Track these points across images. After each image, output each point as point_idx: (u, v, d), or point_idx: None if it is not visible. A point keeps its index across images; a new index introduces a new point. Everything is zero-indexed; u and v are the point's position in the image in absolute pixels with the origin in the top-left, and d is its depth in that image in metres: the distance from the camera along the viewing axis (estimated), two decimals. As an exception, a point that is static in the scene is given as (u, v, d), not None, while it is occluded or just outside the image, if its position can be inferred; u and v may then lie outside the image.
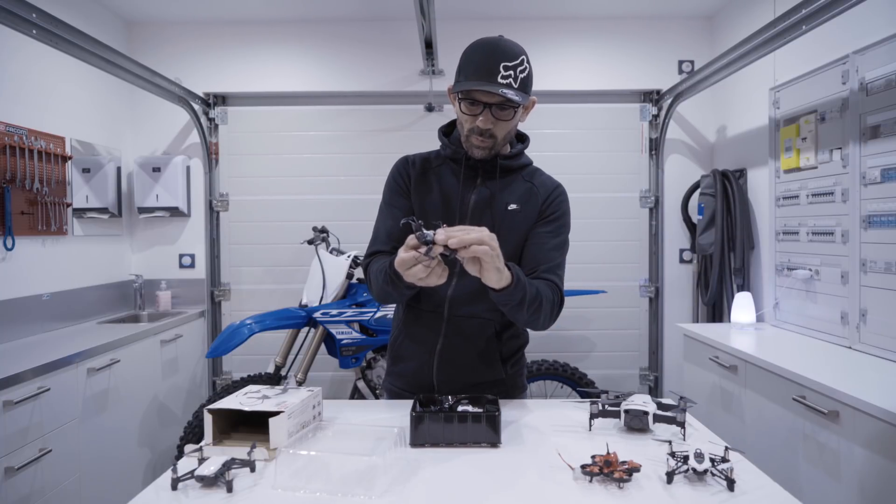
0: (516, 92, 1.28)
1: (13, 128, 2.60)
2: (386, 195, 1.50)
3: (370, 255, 1.46)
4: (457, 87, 1.32)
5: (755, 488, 1.01)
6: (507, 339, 1.50)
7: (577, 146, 3.57)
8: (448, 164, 1.47)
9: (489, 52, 1.29)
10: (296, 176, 3.55)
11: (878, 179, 2.09)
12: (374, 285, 1.39)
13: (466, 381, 1.45)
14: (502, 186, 1.44)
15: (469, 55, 1.32)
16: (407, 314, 1.51)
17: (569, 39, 3.57)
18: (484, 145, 1.37)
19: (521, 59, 1.31)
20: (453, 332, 1.44)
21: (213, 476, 1.00)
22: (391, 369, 1.57)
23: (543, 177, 1.51)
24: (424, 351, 1.47)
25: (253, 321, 2.71)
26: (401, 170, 1.49)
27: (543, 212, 1.45)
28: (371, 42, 3.54)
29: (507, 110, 1.32)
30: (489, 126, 1.33)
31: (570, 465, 1.07)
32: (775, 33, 2.21)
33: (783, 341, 2.45)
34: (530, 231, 1.43)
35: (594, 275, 3.55)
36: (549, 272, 1.39)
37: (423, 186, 1.46)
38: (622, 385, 3.57)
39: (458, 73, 1.34)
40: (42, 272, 2.79)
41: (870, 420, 1.58)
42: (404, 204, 1.47)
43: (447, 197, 1.43)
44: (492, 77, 1.27)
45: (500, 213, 1.42)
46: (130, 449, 2.73)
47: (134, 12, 3.41)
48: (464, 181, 1.43)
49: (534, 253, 1.41)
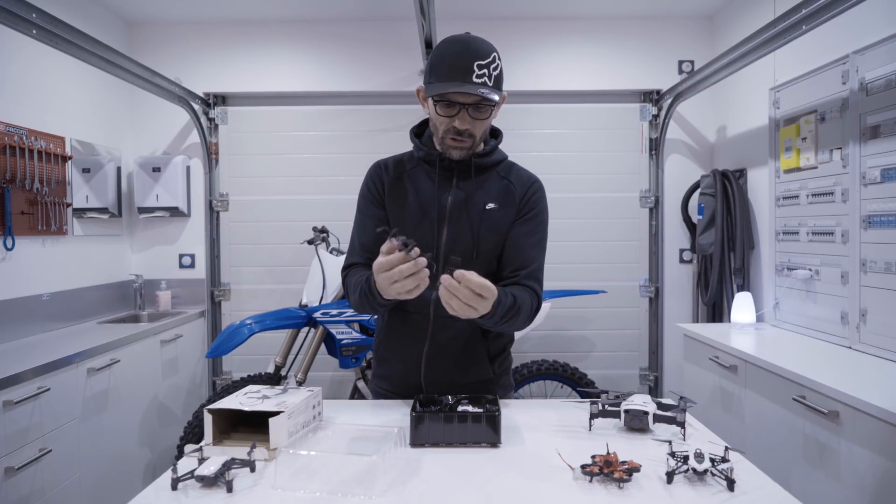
0: (492, 90, 1.28)
1: (13, 128, 2.60)
2: (360, 204, 1.50)
3: (347, 268, 1.46)
4: (431, 89, 1.30)
5: (755, 488, 1.01)
6: (494, 338, 1.50)
7: (578, 146, 3.57)
8: (422, 165, 1.46)
9: (461, 52, 1.28)
10: (296, 176, 3.55)
11: (878, 179, 2.09)
12: (351, 297, 1.39)
13: (455, 381, 1.45)
14: (478, 185, 1.43)
15: (441, 55, 1.30)
16: (392, 317, 1.50)
17: (569, 39, 3.57)
18: (462, 146, 1.36)
19: (492, 56, 1.30)
20: (440, 333, 1.43)
21: (213, 476, 1.00)
22: (377, 372, 1.56)
23: (520, 171, 1.49)
24: (411, 352, 1.46)
25: (253, 321, 2.71)
26: (374, 177, 1.48)
27: (521, 209, 1.44)
28: (371, 42, 3.54)
29: (483, 109, 1.32)
30: (467, 126, 1.32)
31: (570, 465, 1.07)
32: (775, 33, 2.21)
33: (783, 341, 2.45)
34: (509, 230, 1.43)
35: (594, 275, 3.55)
36: (528, 278, 1.40)
37: (397, 191, 1.45)
38: (622, 385, 3.57)
39: (429, 75, 1.32)
40: (42, 272, 2.79)
41: (870, 420, 1.57)
42: (377, 213, 1.46)
43: (423, 200, 1.42)
44: (467, 77, 1.26)
45: (478, 213, 1.41)
46: (130, 449, 2.73)
47: (134, 12, 3.41)
48: (439, 183, 1.42)
49: (513, 253, 1.42)
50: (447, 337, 1.44)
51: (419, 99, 1.41)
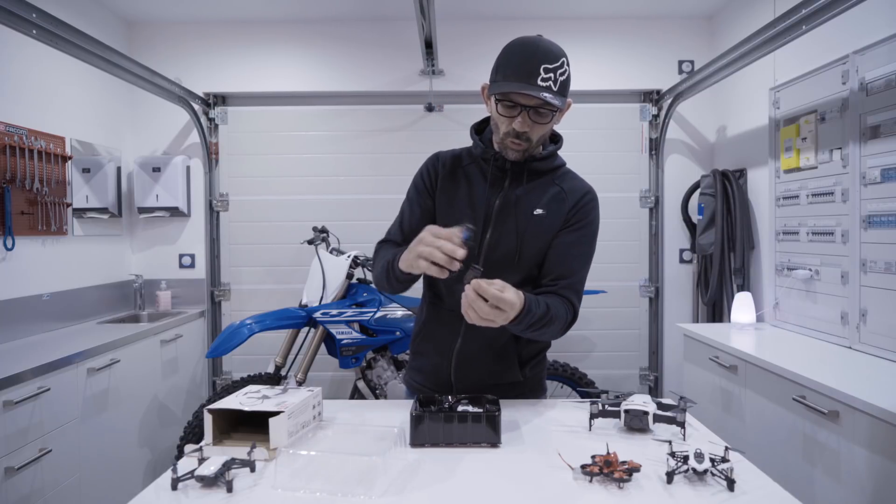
0: (555, 95, 1.25)
1: (13, 128, 2.60)
2: (411, 190, 1.51)
3: (382, 242, 1.51)
4: (494, 88, 1.29)
5: (755, 488, 1.01)
6: (527, 343, 1.48)
7: (577, 146, 3.56)
8: (477, 162, 1.45)
9: (530, 53, 1.25)
10: (296, 176, 3.55)
11: (878, 179, 2.09)
12: (376, 267, 1.44)
13: (484, 381, 1.45)
14: (529, 190, 1.41)
15: (508, 55, 1.29)
16: (429, 312, 1.52)
17: (569, 39, 3.55)
18: (519, 147, 1.35)
19: (561, 61, 1.27)
20: (472, 333, 1.43)
21: (213, 476, 1.00)
22: (412, 364, 1.59)
23: (575, 181, 1.47)
24: (443, 350, 1.48)
25: (253, 321, 2.71)
26: (430, 167, 1.49)
27: (570, 219, 1.41)
28: (371, 42, 3.54)
29: (544, 114, 1.29)
30: (526, 129, 1.30)
31: (570, 465, 1.07)
32: (775, 33, 2.21)
33: (783, 341, 2.45)
34: (555, 237, 1.41)
35: (594, 275, 3.47)
36: (567, 289, 1.39)
37: (450, 185, 1.45)
38: (622, 385, 3.57)
39: (496, 73, 1.31)
40: (42, 272, 2.78)
41: (870, 420, 1.58)
42: (426, 203, 1.47)
43: (473, 198, 1.42)
44: (531, 79, 1.23)
45: (524, 217, 1.40)
46: (130, 449, 2.73)
47: (134, 12, 3.41)
48: (491, 183, 1.42)
49: (556, 262, 1.40)
50: (479, 337, 1.43)
51: (483, 96, 1.39)
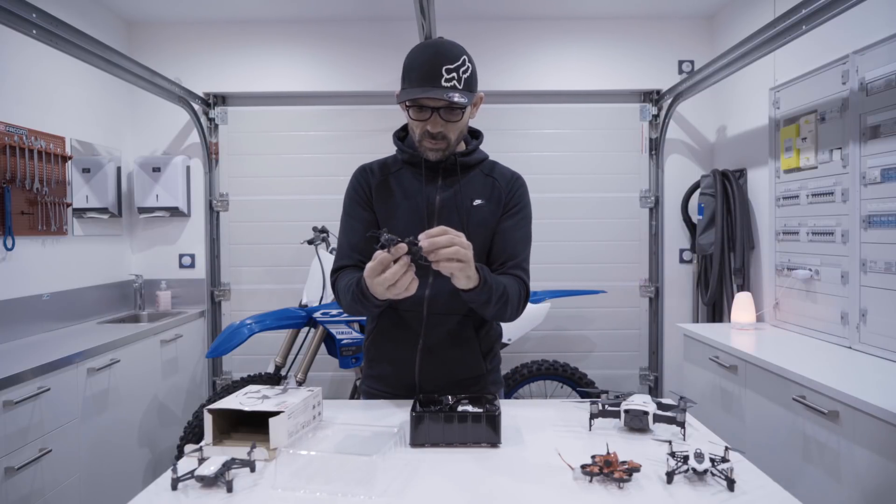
0: (461, 93, 1.31)
1: (13, 128, 2.60)
2: (347, 207, 1.50)
3: (336, 271, 1.46)
4: (403, 95, 1.34)
5: (755, 488, 1.01)
6: (485, 335, 1.52)
7: (578, 146, 3.57)
8: (407, 167, 1.49)
9: (431, 56, 1.31)
10: (296, 176, 3.55)
11: (878, 179, 2.09)
12: (343, 301, 1.39)
13: (450, 377, 1.46)
14: (464, 183, 1.46)
15: (410, 62, 1.35)
16: (382, 317, 1.50)
17: (569, 39, 3.57)
18: (437, 147, 1.39)
19: (462, 59, 1.33)
20: (433, 331, 1.45)
21: (213, 476, 1.00)
22: (369, 372, 1.57)
23: (503, 169, 1.53)
24: (405, 351, 1.47)
25: (253, 321, 2.71)
26: (360, 180, 1.50)
27: (507, 205, 1.47)
28: (371, 42, 3.54)
29: (454, 112, 1.35)
30: (439, 129, 1.35)
31: (570, 465, 1.07)
32: (775, 33, 2.21)
33: (783, 341, 2.45)
34: (497, 225, 1.46)
35: (594, 275, 3.55)
36: (515, 267, 1.44)
37: (385, 192, 1.47)
38: (622, 385, 3.57)
39: (403, 80, 1.36)
40: (42, 272, 2.78)
41: (870, 420, 1.58)
42: (365, 215, 1.47)
43: (412, 200, 1.44)
44: (435, 81, 1.30)
45: (466, 209, 1.44)
46: (130, 449, 2.73)
47: (134, 12, 3.41)
48: (426, 182, 1.45)
49: (501, 248, 1.46)
50: (440, 334, 1.46)
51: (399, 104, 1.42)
